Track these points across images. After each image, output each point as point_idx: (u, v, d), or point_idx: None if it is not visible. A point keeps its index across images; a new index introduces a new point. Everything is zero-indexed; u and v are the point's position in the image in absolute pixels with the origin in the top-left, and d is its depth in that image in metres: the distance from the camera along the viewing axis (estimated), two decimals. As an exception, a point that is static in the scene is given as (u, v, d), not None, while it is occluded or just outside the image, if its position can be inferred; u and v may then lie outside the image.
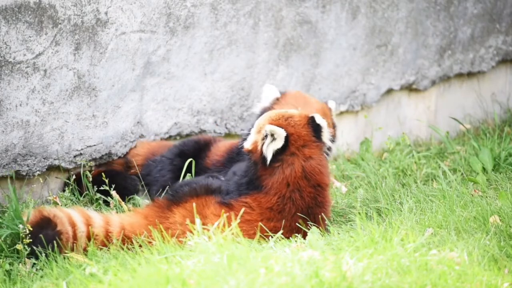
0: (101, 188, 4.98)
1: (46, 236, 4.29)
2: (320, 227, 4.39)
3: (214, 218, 4.30)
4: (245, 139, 4.58)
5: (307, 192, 4.41)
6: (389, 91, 6.37)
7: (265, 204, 4.39)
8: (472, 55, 6.72)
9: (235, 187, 4.48)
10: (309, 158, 4.42)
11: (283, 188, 4.40)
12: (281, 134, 4.38)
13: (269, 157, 4.39)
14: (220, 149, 5.20)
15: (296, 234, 4.35)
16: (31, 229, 4.30)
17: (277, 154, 4.40)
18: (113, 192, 4.98)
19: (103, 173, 5.00)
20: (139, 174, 5.17)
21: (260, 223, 4.35)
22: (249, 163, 4.48)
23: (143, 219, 4.44)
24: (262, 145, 4.41)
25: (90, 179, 5.05)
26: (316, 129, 4.46)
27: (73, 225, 4.37)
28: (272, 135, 4.39)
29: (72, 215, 4.39)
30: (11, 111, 4.79)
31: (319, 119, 4.48)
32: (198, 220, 4.17)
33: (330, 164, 5.26)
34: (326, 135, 4.50)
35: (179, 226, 4.34)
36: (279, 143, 4.39)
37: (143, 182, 5.17)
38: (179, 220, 4.36)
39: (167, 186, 4.98)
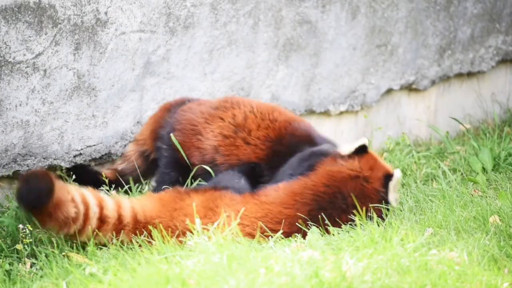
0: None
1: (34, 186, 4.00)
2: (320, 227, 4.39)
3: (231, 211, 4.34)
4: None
5: (334, 196, 4.42)
6: (389, 91, 6.37)
7: (293, 186, 4.44)
8: (472, 55, 6.72)
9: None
10: (367, 180, 4.48)
11: (323, 178, 4.44)
12: (362, 141, 4.53)
13: (348, 148, 4.52)
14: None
15: (296, 234, 4.35)
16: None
17: (349, 156, 4.52)
18: (113, 192, 4.98)
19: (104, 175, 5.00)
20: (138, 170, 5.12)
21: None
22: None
23: (157, 201, 4.45)
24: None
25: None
26: (386, 182, 4.52)
27: (86, 205, 4.24)
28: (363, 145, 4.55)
29: (85, 195, 4.28)
30: (11, 111, 4.79)
31: (397, 175, 4.52)
32: (198, 220, 4.17)
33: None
34: (391, 195, 4.53)
35: (194, 208, 4.35)
36: (354, 146, 4.53)
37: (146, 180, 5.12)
38: (195, 203, 4.37)
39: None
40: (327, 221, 4.35)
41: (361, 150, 4.56)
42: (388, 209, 4.46)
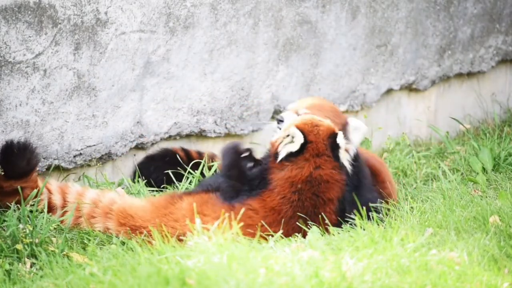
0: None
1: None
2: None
3: (213, 219, 4.32)
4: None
5: (307, 197, 4.42)
6: (389, 91, 6.37)
7: (269, 203, 4.41)
8: (472, 55, 6.72)
9: (247, 187, 4.50)
10: (319, 167, 4.46)
11: (286, 188, 4.42)
12: (299, 140, 4.47)
13: (281, 155, 4.48)
14: None
15: (296, 234, 4.35)
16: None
17: (291, 155, 4.48)
18: (119, 189, 4.98)
19: None
20: None
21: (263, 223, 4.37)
22: (266, 154, 4.59)
23: (150, 204, 4.51)
24: (281, 142, 4.50)
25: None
26: (333, 146, 4.50)
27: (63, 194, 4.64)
28: (292, 137, 4.47)
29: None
30: (11, 111, 4.79)
31: (340, 139, 4.51)
32: (198, 220, 4.17)
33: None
34: (343, 156, 4.52)
35: (183, 211, 4.36)
36: (295, 146, 4.47)
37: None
38: (185, 206, 4.40)
39: None
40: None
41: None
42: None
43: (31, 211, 4.52)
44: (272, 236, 4.29)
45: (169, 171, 5.19)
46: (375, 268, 3.69)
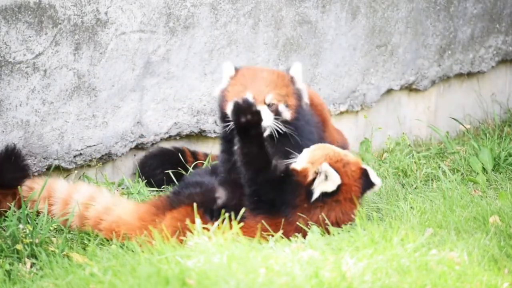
0: None
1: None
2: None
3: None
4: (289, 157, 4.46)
5: None
6: (389, 91, 6.37)
7: (277, 230, 4.35)
8: (472, 55, 6.72)
9: (262, 204, 4.37)
10: (345, 213, 4.38)
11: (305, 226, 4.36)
12: (336, 180, 4.32)
13: (315, 195, 4.34)
14: None
15: (296, 234, 4.35)
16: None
17: (324, 195, 4.34)
18: (115, 191, 4.98)
19: None
20: None
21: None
22: (291, 184, 4.39)
23: (137, 220, 4.46)
24: (314, 179, 4.34)
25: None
26: (367, 185, 4.41)
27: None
28: (326, 176, 4.32)
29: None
30: (11, 111, 4.79)
31: (373, 176, 4.40)
32: (198, 220, 4.17)
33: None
34: (372, 191, 4.45)
35: (167, 232, 4.34)
36: (330, 187, 4.33)
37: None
38: (167, 225, 4.37)
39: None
40: None
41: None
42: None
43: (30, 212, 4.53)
44: (272, 236, 4.30)
45: (169, 171, 5.19)
46: (375, 268, 3.69)
